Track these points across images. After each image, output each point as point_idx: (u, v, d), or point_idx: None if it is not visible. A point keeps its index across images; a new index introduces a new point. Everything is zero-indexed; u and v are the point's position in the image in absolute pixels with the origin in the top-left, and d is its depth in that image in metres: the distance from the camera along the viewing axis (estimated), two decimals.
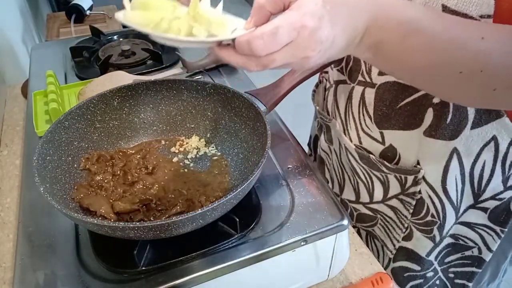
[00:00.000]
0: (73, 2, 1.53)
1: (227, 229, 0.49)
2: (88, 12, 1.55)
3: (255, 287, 0.53)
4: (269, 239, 0.49)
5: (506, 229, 0.57)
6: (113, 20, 1.53)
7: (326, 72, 0.70)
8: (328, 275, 0.56)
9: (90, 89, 0.76)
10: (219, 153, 0.61)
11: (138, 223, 0.39)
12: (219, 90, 0.60)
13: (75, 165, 0.55)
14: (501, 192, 0.55)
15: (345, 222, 0.51)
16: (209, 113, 0.63)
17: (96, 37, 1.03)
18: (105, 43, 1.00)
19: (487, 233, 0.59)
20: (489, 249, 0.60)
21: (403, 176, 0.58)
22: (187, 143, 0.63)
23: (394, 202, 0.62)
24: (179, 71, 0.86)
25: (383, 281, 0.55)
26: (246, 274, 0.49)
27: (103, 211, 0.49)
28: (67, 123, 0.54)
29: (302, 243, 0.49)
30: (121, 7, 0.38)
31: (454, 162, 0.53)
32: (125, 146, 0.62)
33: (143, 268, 0.45)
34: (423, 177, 0.56)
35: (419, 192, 0.58)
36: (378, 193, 0.63)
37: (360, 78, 0.56)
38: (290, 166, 0.60)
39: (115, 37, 1.03)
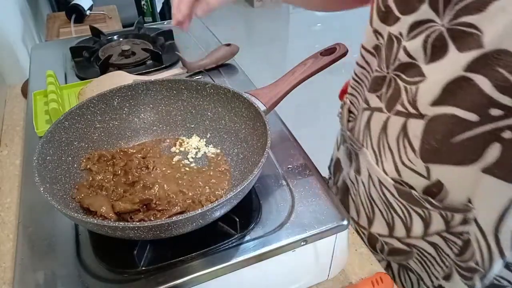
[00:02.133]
0: (73, 2, 1.53)
1: (227, 229, 0.49)
2: (88, 12, 1.55)
3: (255, 287, 0.53)
4: (269, 239, 0.49)
5: None
6: (113, 20, 1.53)
7: (352, 95, 0.64)
8: (328, 275, 0.56)
9: (90, 89, 0.76)
10: (219, 153, 0.61)
11: (138, 223, 0.39)
12: (219, 90, 0.60)
13: (75, 165, 0.55)
14: None
15: (345, 222, 0.51)
16: (209, 113, 0.63)
17: (96, 37, 1.03)
18: (105, 43, 1.00)
19: None
20: None
21: (449, 214, 0.50)
22: (187, 143, 0.63)
23: (435, 239, 0.55)
24: (179, 71, 0.86)
25: (383, 281, 0.55)
26: (246, 274, 0.49)
27: (103, 211, 0.49)
28: (67, 123, 0.54)
29: (302, 243, 0.49)
30: (121, 7, 0.38)
31: None
32: (125, 146, 0.62)
33: (143, 268, 0.45)
34: (474, 218, 0.49)
35: (467, 232, 0.50)
36: (417, 229, 0.55)
37: (399, 108, 0.49)
38: (290, 166, 0.60)
39: (115, 37, 1.03)
